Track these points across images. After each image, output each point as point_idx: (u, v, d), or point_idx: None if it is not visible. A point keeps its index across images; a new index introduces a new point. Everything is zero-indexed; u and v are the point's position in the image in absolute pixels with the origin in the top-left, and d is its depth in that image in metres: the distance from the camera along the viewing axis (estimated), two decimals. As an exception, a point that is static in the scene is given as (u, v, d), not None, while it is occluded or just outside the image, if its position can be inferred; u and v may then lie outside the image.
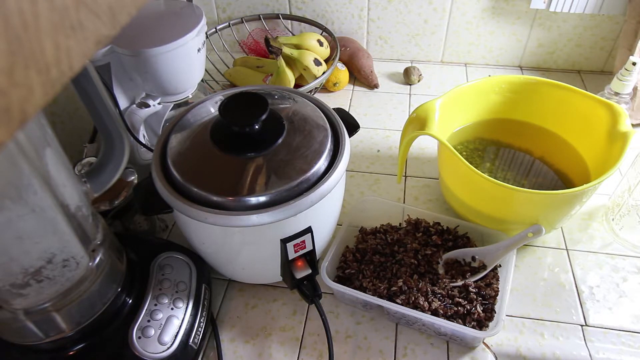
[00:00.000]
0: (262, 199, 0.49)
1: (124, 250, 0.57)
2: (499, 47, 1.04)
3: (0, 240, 0.40)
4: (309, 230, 0.53)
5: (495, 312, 0.58)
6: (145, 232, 0.71)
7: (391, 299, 0.59)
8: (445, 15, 1.00)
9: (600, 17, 0.95)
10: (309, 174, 0.51)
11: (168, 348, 0.52)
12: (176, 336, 0.53)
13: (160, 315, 0.54)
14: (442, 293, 0.60)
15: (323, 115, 0.58)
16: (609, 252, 0.69)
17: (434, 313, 0.57)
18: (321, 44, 0.97)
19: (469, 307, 0.58)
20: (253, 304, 0.64)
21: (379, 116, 0.94)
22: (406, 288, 0.59)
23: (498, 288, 0.60)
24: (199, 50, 0.70)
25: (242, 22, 1.06)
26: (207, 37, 0.89)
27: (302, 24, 1.06)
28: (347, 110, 0.62)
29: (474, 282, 0.61)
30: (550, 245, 0.70)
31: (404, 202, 0.77)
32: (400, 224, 0.70)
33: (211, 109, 0.59)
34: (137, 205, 0.56)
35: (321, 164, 0.52)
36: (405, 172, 0.82)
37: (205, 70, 0.77)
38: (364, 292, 0.59)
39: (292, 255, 0.54)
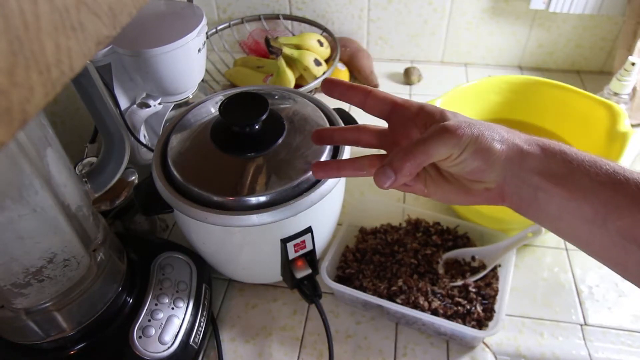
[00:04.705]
0: (262, 199, 0.49)
1: (124, 250, 0.57)
2: (498, 47, 1.04)
3: (2, 240, 0.40)
4: (309, 230, 0.53)
5: (495, 312, 0.58)
6: (146, 232, 0.71)
7: (391, 298, 0.59)
8: (445, 15, 1.00)
9: (600, 17, 0.95)
10: (309, 174, 0.51)
11: (169, 348, 0.52)
12: (177, 336, 0.53)
13: (160, 315, 0.54)
14: (442, 293, 0.60)
15: (323, 115, 0.58)
16: (609, 252, 0.68)
17: (434, 313, 0.58)
18: (321, 44, 0.97)
19: (468, 307, 0.58)
20: (253, 303, 0.64)
21: (379, 116, 0.94)
22: (406, 288, 0.59)
23: (498, 288, 0.60)
24: (199, 50, 0.70)
25: (243, 22, 1.07)
26: (207, 38, 0.90)
27: (303, 24, 1.06)
28: (347, 110, 0.62)
29: (474, 281, 0.61)
30: (550, 245, 0.70)
31: (404, 202, 0.77)
32: (400, 224, 0.70)
33: (211, 109, 0.59)
34: (137, 205, 0.56)
35: (321, 164, 0.52)
36: (405, 172, 0.82)
37: (206, 70, 0.77)
38: (364, 292, 0.59)
39: (292, 255, 0.54)
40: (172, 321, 0.54)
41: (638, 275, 0.34)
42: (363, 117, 0.96)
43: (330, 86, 0.43)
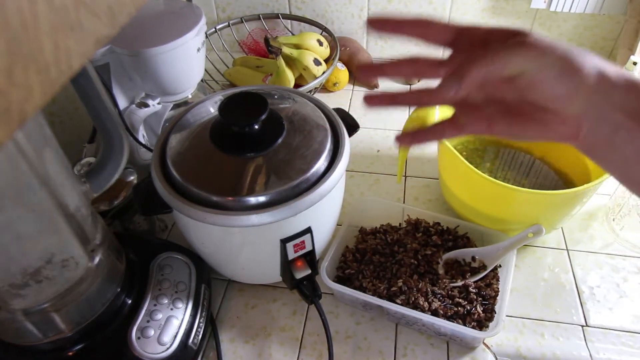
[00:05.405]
0: (261, 199, 0.49)
1: (123, 250, 0.57)
2: (498, 47, 1.03)
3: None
4: (308, 230, 0.53)
5: (495, 313, 0.58)
6: (145, 232, 0.71)
7: (391, 299, 0.59)
8: (445, 15, 1.00)
9: (601, 16, 0.95)
10: (308, 174, 0.51)
11: (167, 348, 0.52)
12: (176, 336, 0.53)
13: (159, 316, 0.54)
14: (442, 293, 0.59)
15: (323, 115, 0.58)
16: (610, 252, 0.68)
17: (434, 313, 0.57)
18: (321, 44, 0.97)
19: (469, 308, 0.58)
20: (253, 304, 0.64)
21: (379, 116, 0.93)
22: (406, 288, 0.59)
23: (498, 288, 0.60)
24: (198, 50, 0.70)
25: (242, 21, 1.06)
26: (206, 37, 0.89)
27: (302, 23, 1.06)
28: (346, 110, 0.62)
29: (474, 282, 0.61)
30: (551, 245, 0.70)
31: (404, 202, 0.77)
32: (400, 224, 0.70)
33: (211, 108, 0.59)
34: (136, 205, 0.56)
35: (321, 164, 0.52)
36: (405, 172, 0.82)
37: (205, 70, 0.77)
38: (364, 292, 0.59)
39: (291, 255, 0.54)
40: (171, 322, 0.54)
41: None
42: (363, 118, 0.95)
43: (380, 24, 0.39)
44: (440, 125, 0.38)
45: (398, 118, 0.93)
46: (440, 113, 0.66)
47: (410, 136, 0.38)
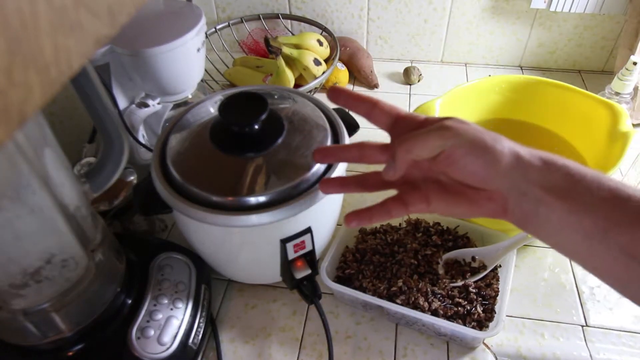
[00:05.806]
0: (261, 199, 0.49)
1: (123, 250, 0.57)
2: (499, 47, 1.03)
3: (-1, 241, 0.40)
4: (308, 230, 0.53)
5: (495, 313, 0.58)
6: (145, 232, 0.71)
7: (391, 299, 0.59)
8: (445, 15, 1.00)
9: (601, 16, 0.95)
10: (308, 174, 0.51)
11: (167, 348, 0.52)
12: (175, 336, 0.53)
13: (159, 316, 0.54)
14: (442, 293, 0.59)
15: (323, 115, 0.57)
16: (609, 253, 0.68)
17: (434, 313, 0.57)
18: (321, 44, 0.97)
19: (469, 308, 0.58)
20: (253, 304, 0.64)
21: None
22: (406, 288, 0.59)
23: (498, 288, 0.60)
24: (198, 50, 0.70)
25: (242, 21, 1.06)
26: (206, 37, 0.89)
27: (302, 23, 1.06)
28: (346, 110, 0.62)
29: (474, 282, 0.61)
30: (551, 245, 0.70)
31: (404, 202, 0.77)
32: (400, 224, 0.70)
33: (211, 109, 0.59)
34: (136, 206, 0.56)
35: (321, 164, 0.52)
36: (405, 172, 0.82)
37: (205, 70, 0.77)
38: (364, 292, 0.59)
39: (291, 255, 0.53)
40: (171, 322, 0.54)
41: (638, 292, 0.34)
42: (363, 118, 0.95)
43: (336, 94, 0.44)
44: (386, 204, 0.43)
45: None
46: (440, 113, 0.66)
47: (358, 218, 0.42)
